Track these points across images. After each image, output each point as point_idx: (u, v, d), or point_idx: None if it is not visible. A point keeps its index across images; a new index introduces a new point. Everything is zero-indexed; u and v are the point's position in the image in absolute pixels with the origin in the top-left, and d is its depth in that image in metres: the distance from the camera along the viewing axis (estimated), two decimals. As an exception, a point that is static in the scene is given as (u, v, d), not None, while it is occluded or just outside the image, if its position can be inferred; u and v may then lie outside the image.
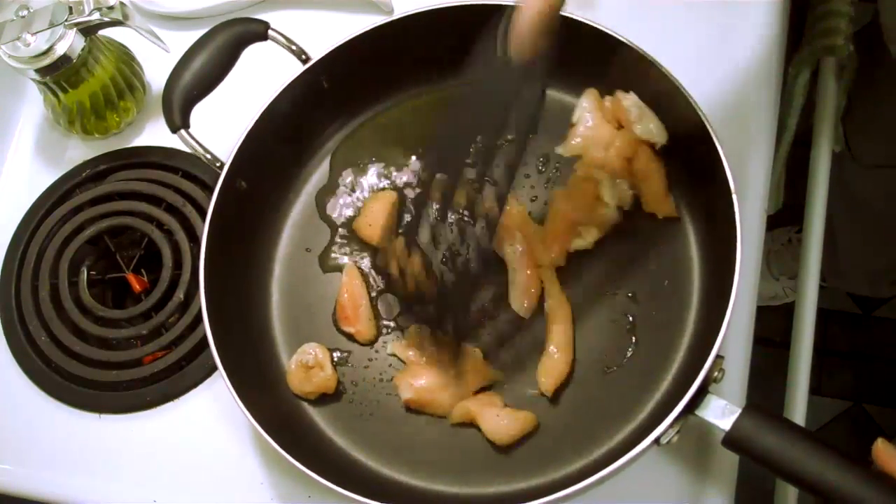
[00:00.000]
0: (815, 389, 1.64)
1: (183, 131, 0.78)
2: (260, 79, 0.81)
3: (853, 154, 1.19)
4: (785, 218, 1.57)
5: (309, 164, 0.88)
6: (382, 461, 0.77)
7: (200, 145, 0.79)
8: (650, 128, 0.78)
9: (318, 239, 0.85)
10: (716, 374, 0.68)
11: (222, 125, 0.80)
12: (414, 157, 0.86)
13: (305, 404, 0.79)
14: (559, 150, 0.81)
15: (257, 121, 0.80)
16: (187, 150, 0.79)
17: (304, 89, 0.82)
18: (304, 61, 0.81)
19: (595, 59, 0.78)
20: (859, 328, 1.73)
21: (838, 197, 1.28)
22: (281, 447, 0.70)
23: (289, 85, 0.81)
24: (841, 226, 1.38)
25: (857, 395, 1.70)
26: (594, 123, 0.79)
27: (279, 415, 0.77)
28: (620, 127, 0.80)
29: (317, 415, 0.79)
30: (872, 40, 1.00)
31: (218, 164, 0.79)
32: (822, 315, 1.14)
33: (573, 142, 0.80)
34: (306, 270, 0.84)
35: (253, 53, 0.81)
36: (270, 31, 0.81)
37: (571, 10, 0.73)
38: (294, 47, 0.81)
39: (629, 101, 0.79)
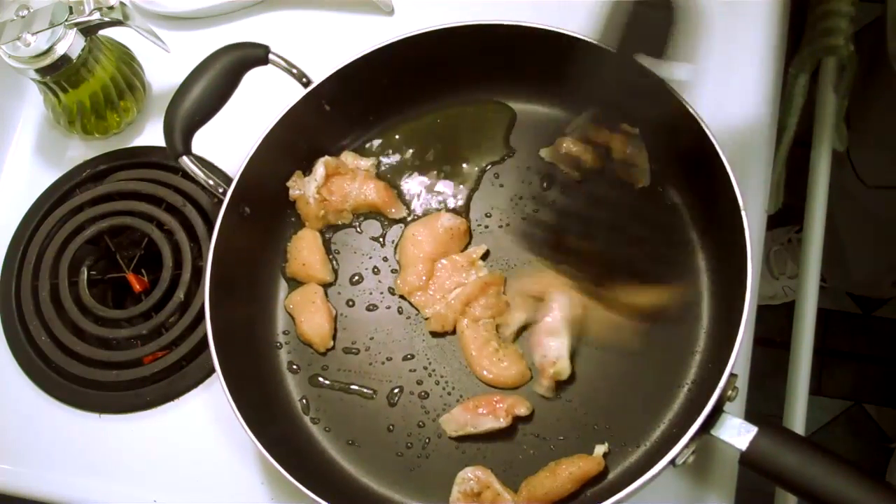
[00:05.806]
0: (815, 389, 1.64)
1: (185, 157, 0.78)
2: (262, 100, 0.81)
3: (858, 175, 1.19)
4: (785, 218, 1.58)
5: None
6: (388, 484, 0.76)
7: (203, 171, 0.78)
8: (638, 162, 0.79)
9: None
10: (730, 392, 0.67)
11: (224, 149, 0.79)
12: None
13: (314, 429, 0.79)
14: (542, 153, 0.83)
15: (259, 146, 0.79)
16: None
17: (306, 113, 0.81)
18: (305, 84, 0.81)
19: (588, 70, 0.74)
20: (859, 328, 1.73)
21: (842, 202, 1.28)
22: (296, 480, 0.70)
23: (290, 109, 0.80)
24: (845, 228, 1.38)
25: (857, 395, 1.70)
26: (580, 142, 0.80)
27: (288, 443, 0.77)
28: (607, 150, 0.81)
29: (326, 440, 0.79)
30: (872, 54, 1.00)
31: (221, 191, 0.79)
32: (822, 315, 1.14)
33: (561, 150, 0.81)
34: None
35: (255, 75, 0.80)
36: (271, 55, 0.80)
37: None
38: (295, 70, 0.81)
39: (632, 132, 0.79)
